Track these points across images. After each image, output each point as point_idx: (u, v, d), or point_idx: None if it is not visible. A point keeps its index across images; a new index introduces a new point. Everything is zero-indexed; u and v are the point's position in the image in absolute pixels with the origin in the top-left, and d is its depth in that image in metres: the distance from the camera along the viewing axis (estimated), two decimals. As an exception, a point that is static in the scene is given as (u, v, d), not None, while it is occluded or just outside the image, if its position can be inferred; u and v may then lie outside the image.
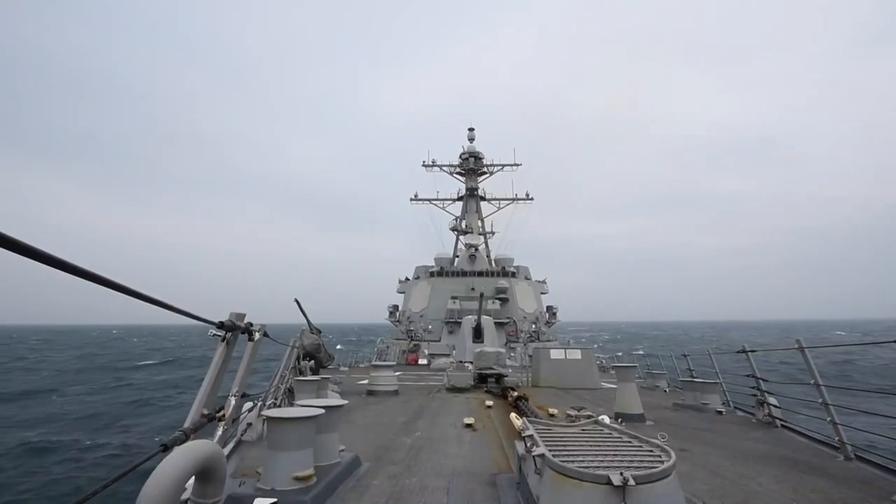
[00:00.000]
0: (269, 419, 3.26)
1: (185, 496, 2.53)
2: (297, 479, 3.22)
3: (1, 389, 28.44)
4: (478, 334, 16.11)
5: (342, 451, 4.20)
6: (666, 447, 2.75)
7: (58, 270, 1.23)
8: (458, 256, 32.77)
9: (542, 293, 30.75)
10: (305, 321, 9.35)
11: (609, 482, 2.23)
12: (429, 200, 35.32)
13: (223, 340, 3.32)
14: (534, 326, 27.08)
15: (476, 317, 16.36)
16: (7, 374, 37.61)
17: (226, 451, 4.41)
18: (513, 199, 35.10)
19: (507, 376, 12.60)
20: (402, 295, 30.70)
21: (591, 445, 2.99)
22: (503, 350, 13.48)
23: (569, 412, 6.68)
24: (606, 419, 3.94)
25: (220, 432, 3.46)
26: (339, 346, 34.53)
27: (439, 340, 25.38)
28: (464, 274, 29.31)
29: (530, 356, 16.28)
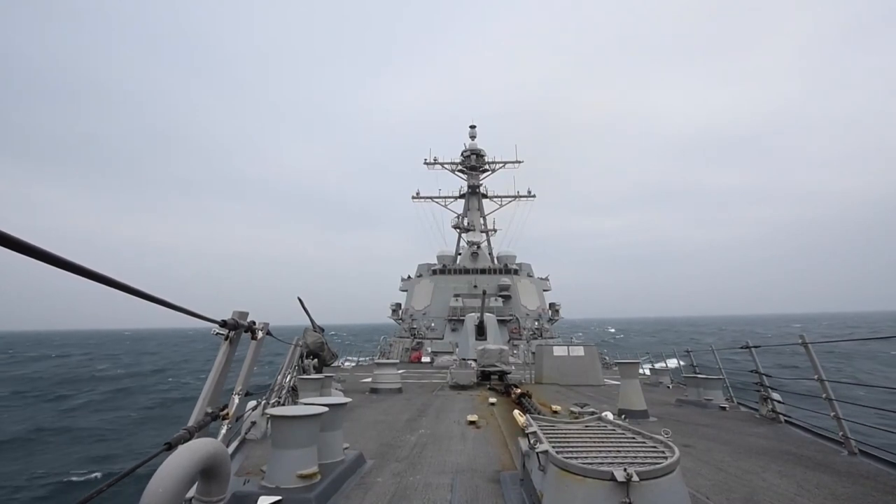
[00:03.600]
0: (273, 417, 3.27)
1: (189, 495, 2.54)
2: (302, 476, 3.23)
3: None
4: (481, 332, 16.12)
5: (346, 448, 4.21)
6: (669, 443, 2.75)
7: (60, 270, 1.23)
8: (460, 254, 32.80)
9: (544, 290, 30.76)
10: (309, 320, 9.37)
11: (613, 478, 2.24)
12: (431, 198, 35.35)
13: (226, 339, 3.33)
14: (536, 323, 27.11)
15: (479, 314, 16.37)
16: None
17: (230, 449, 4.42)
18: (514, 197, 35.09)
19: (510, 373, 12.60)
20: (405, 293, 30.76)
21: (594, 442, 2.99)
22: (506, 347, 13.49)
23: (572, 409, 6.70)
24: (610, 415, 3.94)
25: (224, 431, 3.47)
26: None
27: (442, 338, 25.43)
28: (466, 271, 29.34)
29: (533, 353, 16.30)
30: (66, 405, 24.80)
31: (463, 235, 33.72)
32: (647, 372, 15.89)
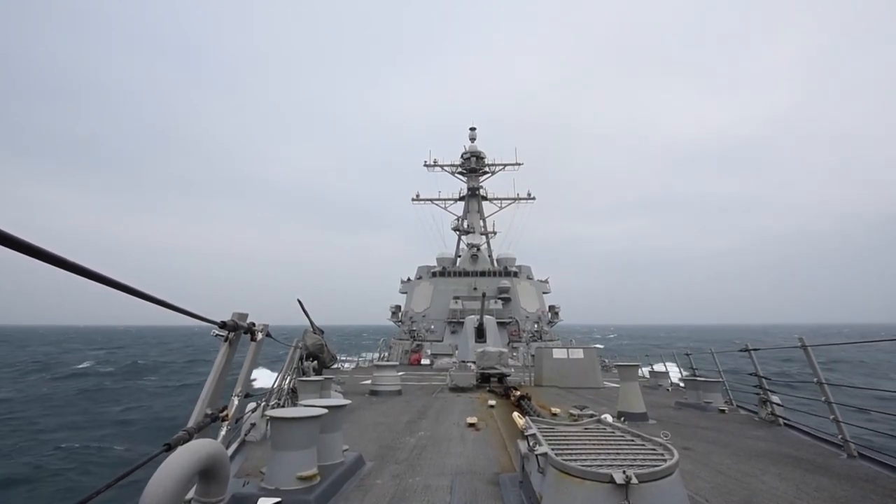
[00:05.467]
0: (273, 419, 3.27)
1: (188, 496, 2.54)
2: (301, 478, 3.23)
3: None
4: (480, 334, 16.10)
5: (346, 450, 4.21)
6: (669, 446, 2.75)
7: (62, 270, 1.24)
8: (460, 256, 32.75)
9: (544, 293, 30.71)
10: (308, 322, 9.35)
11: (612, 480, 2.24)
12: (430, 200, 35.34)
13: (226, 340, 3.34)
14: (536, 326, 27.07)
15: (478, 316, 16.35)
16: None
17: (229, 450, 4.42)
18: (514, 199, 35.08)
19: (509, 376, 12.59)
20: (405, 295, 30.73)
21: (593, 444, 2.99)
22: (506, 350, 13.48)
23: (571, 411, 6.70)
24: (609, 418, 3.94)
25: (223, 432, 3.47)
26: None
27: (442, 340, 25.39)
28: (466, 274, 29.30)
29: (533, 356, 16.29)
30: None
31: (462, 238, 33.69)
32: (647, 375, 15.89)
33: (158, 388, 29.54)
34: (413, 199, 35.34)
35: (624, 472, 2.26)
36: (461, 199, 34.91)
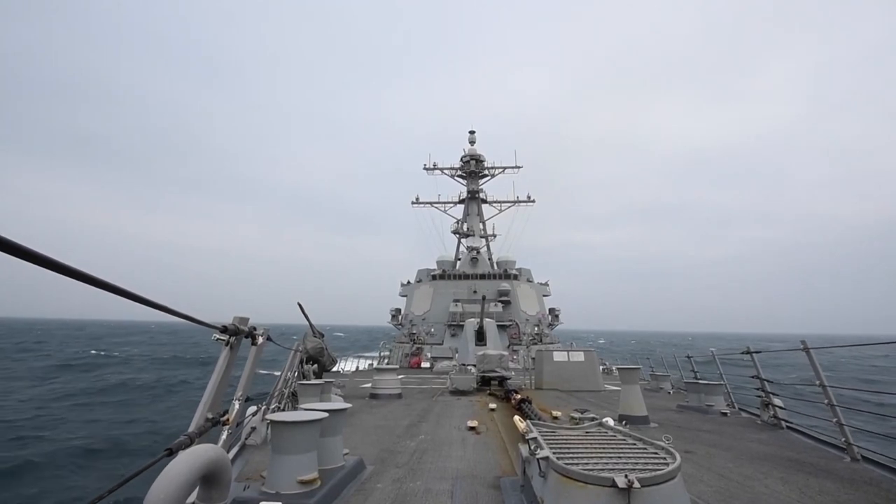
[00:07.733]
0: (274, 423, 3.27)
1: (190, 500, 2.54)
2: (302, 482, 3.23)
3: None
4: (480, 337, 16.08)
5: (346, 454, 4.20)
6: (671, 449, 2.75)
7: (64, 277, 1.24)
8: (459, 259, 32.74)
9: (544, 295, 30.69)
10: (308, 325, 9.35)
11: (614, 485, 2.23)
12: (430, 203, 35.34)
13: (227, 345, 3.34)
14: (536, 329, 27.03)
15: (478, 319, 16.33)
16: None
17: (230, 454, 4.41)
18: (514, 202, 35.10)
19: (509, 379, 12.56)
20: (405, 298, 30.72)
21: (595, 448, 2.98)
22: (506, 352, 13.44)
23: (572, 414, 6.69)
24: (610, 421, 3.94)
25: (224, 436, 3.46)
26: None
27: (442, 343, 25.36)
28: (466, 277, 29.28)
29: (533, 358, 16.26)
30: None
31: (462, 241, 33.69)
32: (648, 378, 15.85)
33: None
34: (413, 203, 35.37)
35: (626, 475, 2.25)
36: (461, 202, 34.91)
